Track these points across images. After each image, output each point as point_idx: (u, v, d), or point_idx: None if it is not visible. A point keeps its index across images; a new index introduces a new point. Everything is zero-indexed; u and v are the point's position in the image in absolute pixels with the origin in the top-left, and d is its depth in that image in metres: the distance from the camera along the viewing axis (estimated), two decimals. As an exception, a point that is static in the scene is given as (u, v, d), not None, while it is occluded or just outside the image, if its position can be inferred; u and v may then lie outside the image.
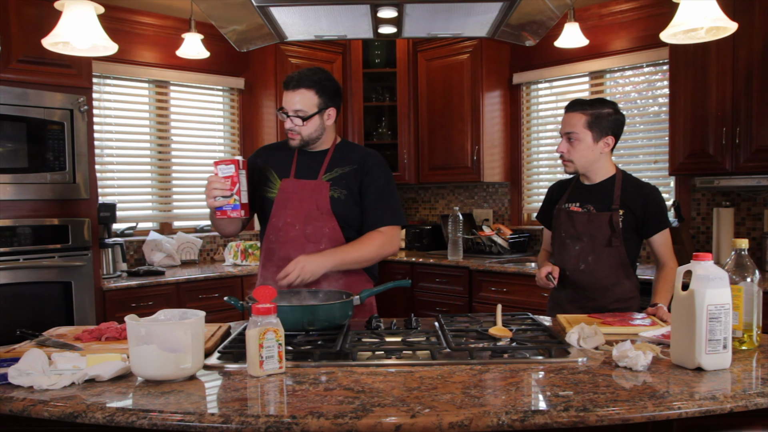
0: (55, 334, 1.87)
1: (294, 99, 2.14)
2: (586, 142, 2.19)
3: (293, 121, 2.15)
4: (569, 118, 2.21)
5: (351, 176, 2.20)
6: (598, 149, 2.20)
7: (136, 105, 4.24)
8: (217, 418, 1.20)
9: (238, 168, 2.04)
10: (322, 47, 4.62)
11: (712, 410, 1.25)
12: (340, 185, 2.18)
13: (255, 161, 2.29)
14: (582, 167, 2.24)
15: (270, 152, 2.32)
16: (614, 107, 2.21)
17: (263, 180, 2.25)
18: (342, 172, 2.21)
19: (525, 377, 1.44)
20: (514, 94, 4.58)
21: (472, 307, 3.97)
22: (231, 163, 2.04)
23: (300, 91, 2.13)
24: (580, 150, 2.20)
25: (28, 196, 3.09)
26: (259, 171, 2.26)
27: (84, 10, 1.90)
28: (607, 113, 2.18)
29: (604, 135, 2.19)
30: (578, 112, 2.20)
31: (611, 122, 2.18)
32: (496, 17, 2.04)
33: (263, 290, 1.55)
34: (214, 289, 3.78)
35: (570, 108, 2.23)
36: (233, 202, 2.04)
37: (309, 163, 2.23)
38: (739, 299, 1.60)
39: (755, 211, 3.51)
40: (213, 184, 2.04)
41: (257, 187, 2.24)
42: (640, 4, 3.83)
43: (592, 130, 2.18)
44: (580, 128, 2.18)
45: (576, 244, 2.24)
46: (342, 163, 2.22)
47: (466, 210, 4.90)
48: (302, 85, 2.13)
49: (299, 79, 2.14)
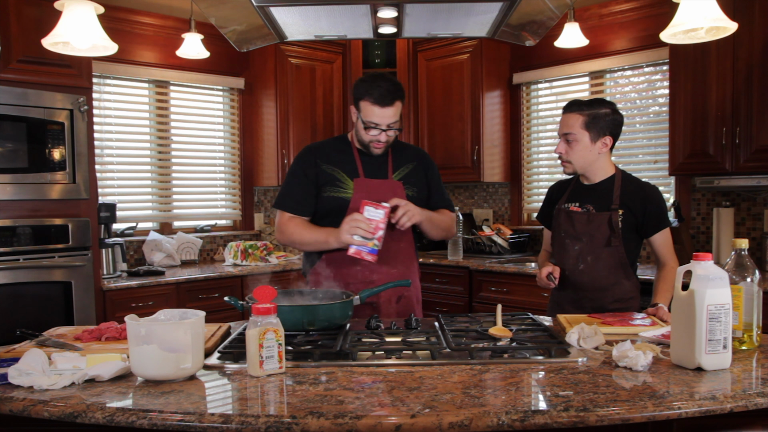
0: (55, 334, 1.87)
1: (389, 113, 2.16)
2: (584, 142, 2.19)
3: (388, 135, 2.20)
4: (566, 119, 2.22)
5: (415, 174, 2.32)
6: (596, 149, 2.20)
7: (136, 105, 4.24)
8: (217, 418, 1.20)
9: (387, 215, 2.06)
10: (322, 47, 4.62)
11: (712, 410, 1.25)
12: (410, 183, 2.28)
13: (316, 161, 2.25)
14: (581, 168, 2.24)
15: (327, 152, 2.29)
16: (612, 107, 2.21)
17: (330, 180, 2.23)
18: (408, 170, 2.32)
19: (525, 377, 1.44)
20: (514, 94, 4.58)
21: (472, 307, 3.97)
22: (381, 208, 2.06)
23: (396, 104, 2.17)
24: (578, 150, 2.20)
25: (28, 196, 3.09)
26: (323, 172, 2.24)
27: (84, 10, 1.90)
28: (605, 113, 2.18)
29: (602, 135, 2.18)
30: (575, 113, 2.20)
31: (609, 122, 2.18)
32: (496, 17, 2.04)
33: (263, 290, 1.55)
34: (214, 289, 3.78)
35: (567, 109, 2.23)
36: (372, 245, 2.06)
37: (373, 163, 2.28)
38: (739, 299, 1.60)
39: (755, 211, 3.51)
40: (359, 223, 2.05)
41: (322, 188, 2.23)
42: (640, 4, 3.83)
43: (590, 131, 2.18)
44: (578, 129, 2.18)
45: (575, 244, 2.24)
46: (402, 161, 2.32)
47: (466, 210, 4.90)
48: (397, 98, 2.16)
49: (394, 92, 2.15)
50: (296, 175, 2.27)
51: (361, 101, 2.17)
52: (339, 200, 2.22)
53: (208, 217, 4.63)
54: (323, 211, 2.25)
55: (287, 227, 2.25)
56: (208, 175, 4.63)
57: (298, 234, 2.23)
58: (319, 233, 2.19)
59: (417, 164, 2.34)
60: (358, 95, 2.18)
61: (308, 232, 2.22)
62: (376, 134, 2.18)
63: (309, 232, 2.22)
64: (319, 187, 2.24)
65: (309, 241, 2.23)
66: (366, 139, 2.21)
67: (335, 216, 2.20)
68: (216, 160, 4.66)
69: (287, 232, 2.25)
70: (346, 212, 2.18)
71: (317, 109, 4.64)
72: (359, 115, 2.19)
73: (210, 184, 4.64)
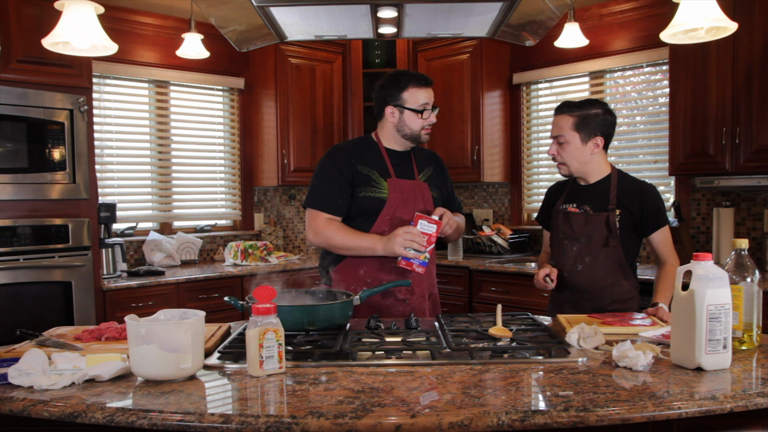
0: (55, 334, 1.87)
1: (432, 93, 2.26)
2: (575, 143, 2.19)
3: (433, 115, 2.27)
4: (557, 121, 2.22)
5: (437, 176, 2.38)
6: (588, 150, 2.20)
7: (136, 105, 4.24)
8: (217, 418, 1.20)
9: (439, 229, 2.09)
10: (322, 47, 4.62)
11: (712, 410, 1.25)
12: (434, 185, 2.33)
13: (351, 161, 2.23)
14: (575, 169, 2.24)
15: (360, 153, 2.28)
16: (603, 107, 2.20)
17: (366, 180, 2.22)
18: (430, 172, 2.37)
19: (525, 377, 1.44)
20: (514, 94, 4.58)
21: (472, 307, 3.97)
22: (435, 223, 2.08)
23: (432, 87, 2.27)
24: (569, 152, 2.20)
25: (28, 196, 3.09)
26: (359, 172, 2.22)
27: (84, 10, 1.90)
28: (595, 114, 2.18)
29: (593, 136, 2.18)
30: (565, 114, 2.20)
31: (599, 123, 2.18)
32: (496, 17, 2.04)
33: (263, 290, 1.55)
34: (214, 289, 3.78)
35: (558, 111, 2.24)
36: (423, 258, 2.08)
37: (400, 164, 2.30)
38: (739, 299, 1.60)
39: (755, 211, 3.51)
40: (413, 237, 2.06)
41: (358, 188, 2.22)
42: (640, 4, 3.83)
43: (580, 132, 2.18)
44: (567, 130, 2.19)
45: (573, 245, 2.24)
46: (424, 163, 2.37)
47: (466, 210, 4.90)
48: (432, 82, 2.27)
49: (427, 75, 2.28)
50: (332, 175, 2.22)
51: (407, 90, 2.22)
52: (375, 200, 2.21)
53: (208, 217, 4.63)
54: (357, 211, 2.22)
55: (326, 229, 2.19)
56: (208, 175, 4.63)
57: (340, 238, 2.18)
58: (365, 240, 2.15)
59: (436, 166, 2.41)
60: (401, 87, 2.22)
61: (351, 238, 2.17)
62: (428, 115, 2.24)
63: (352, 238, 2.17)
64: (355, 187, 2.22)
65: (352, 246, 2.18)
66: (419, 126, 2.24)
67: (369, 216, 2.20)
68: (216, 160, 4.66)
69: (326, 234, 2.19)
70: (380, 211, 2.20)
71: (317, 109, 4.64)
72: (405, 107, 2.22)
73: (210, 184, 4.64)
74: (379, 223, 2.21)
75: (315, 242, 2.24)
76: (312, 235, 2.23)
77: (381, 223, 2.21)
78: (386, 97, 2.25)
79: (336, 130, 4.75)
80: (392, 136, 2.29)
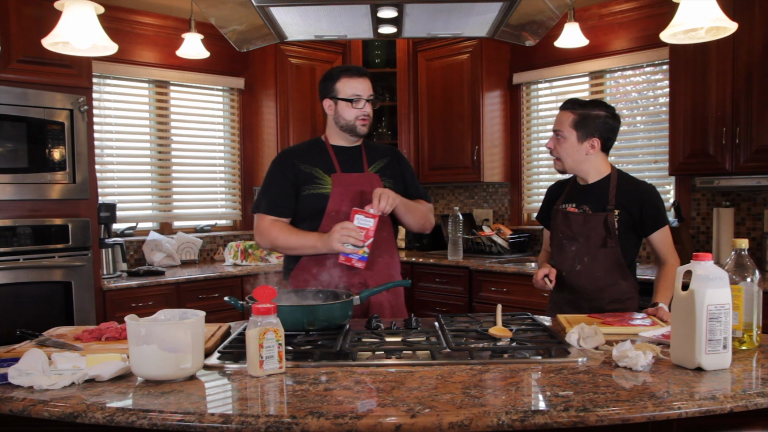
0: (55, 334, 1.87)
1: (368, 84, 2.28)
2: (571, 141, 2.20)
3: (372, 107, 2.29)
4: (559, 116, 2.24)
5: (390, 167, 2.37)
6: (583, 150, 2.20)
7: (136, 105, 4.24)
8: (217, 418, 1.20)
9: (377, 223, 2.08)
10: (322, 47, 4.62)
11: (712, 410, 1.25)
12: (386, 175, 2.32)
13: (293, 162, 2.27)
14: (569, 167, 2.25)
15: (302, 153, 2.32)
16: (609, 111, 2.20)
17: (308, 178, 2.24)
18: (383, 164, 2.36)
19: (525, 377, 1.44)
20: (514, 94, 4.58)
21: (472, 307, 3.97)
22: (372, 217, 2.08)
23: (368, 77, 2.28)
24: (565, 148, 2.21)
25: (28, 196, 3.09)
26: (301, 171, 2.26)
27: (84, 10, 1.90)
28: (596, 115, 2.18)
29: (590, 136, 2.18)
30: (568, 111, 2.22)
31: (599, 124, 2.18)
32: (496, 17, 2.04)
33: (263, 290, 1.55)
34: (214, 289, 3.78)
35: (563, 106, 2.25)
36: (362, 253, 2.08)
37: (347, 159, 2.31)
38: (739, 299, 1.60)
39: (755, 211, 3.51)
40: (350, 231, 2.05)
41: (301, 187, 2.24)
42: (640, 4, 3.83)
43: (578, 130, 2.18)
44: (566, 126, 2.20)
45: (572, 245, 2.24)
46: (376, 156, 2.37)
47: (466, 210, 4.90)
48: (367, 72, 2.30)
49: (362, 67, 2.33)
50: (275, 178, 2.28)
51: (339, 81, 2.25)
52: (318, 197, 2.23)
53: (208, 217, 4.63)
54: (304, 211, 2.25)
55: (271, 231, 2.22)
56: (208, 175, 4.63)
57: (284, 238, 2.21)
58: (307, 238, 2.18)
59: (391, 158, 2.39)
60: (333, 79, 2.27)
61: (294, 237, 2.20)
62: (362, 106, 2.25)
63: (295, 237, 2.20)
64: (298, 187, 2.25)
65: (295, 246, 2.21)
66: (353, 117, 2.25)
67: (316, 215, 2.23)
68: (216, 160, 4.66)
69: (271, 236, 2.22)
70: (325, 207, 2.20)
71: (317, 109, 4.63)
72: (338, 98, 2.25)
73: (210, 184, 4.64)
74: (325, 221, 2.22)
75: (262, 245, 2.27)
76: (258, 238, 2.27)
77: (327, 220, 2.22)
78: (323, 91, 2.30)
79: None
80: (334, 130, 2.32)
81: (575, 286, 2.24)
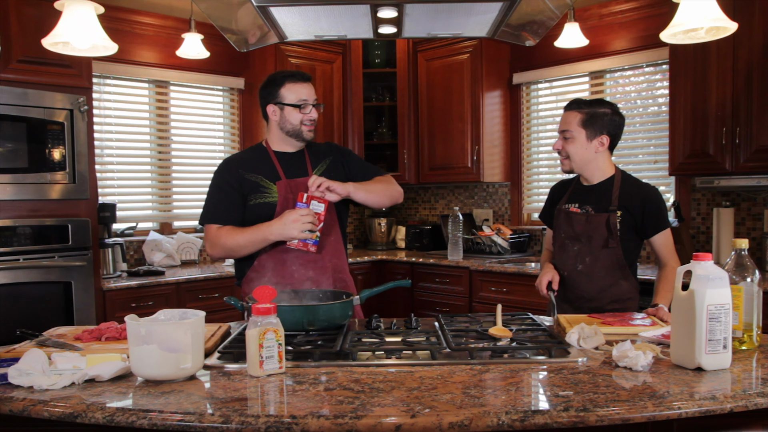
0: (55, 334, 1.87)
1: (312, 89, 2.27)
2: (580, 140, 2.20)
3: (317, 111, 2.28)
4: (565, 117, 2.25)
5: (334, 167, 2.34)
6: (592, 148, 2.21)
7: (136, 105, 4.24)
8: (217, 418, 1.20)
9: (327, 208, 2.10)
10: (322, 47, 4.62)
11: (712, 410, 1.25)
12: (331, 177, 2.23)
13: (238, 172, 2.24)
14: (577, 166, 2.25)
15: (246, 161, 2.29)
16: (613, 108, 2.22)
17: (254, 187, 2.22)
18: (326, 165, 2.33)
19: (525, 377, 1.44)
20: (514, 94, 4.58)
21: (472, 307, 3.97)
22: (323, 202, 2.10)
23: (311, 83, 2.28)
24: (574, 148, 2.22)
25: (28, 196, 3.09)
26: (246, 180, 2.23)
27: (84, 10, 1.90)
28: (603, 113, 2.19)
29: (599, 134, 2.19)
30: (574, 111, 2.22)
31: (607, 122, 2.19)
32: (496, 17, 2.04)
33: (263, 290, 1.55)
34: (214, 289, 3.78)
35: (567, 107, 2.26)
36: (315, 237, 2.10)
37: (291, 164, 2.29)
38: (739, 299, 1.60)
39: (755, 211, 3.51)
40: (306, 217, 2.05)
41: (248, 197, 2.22)
42: (640, 4, 3.83)
43: (586, 129, 2.19)
44: (574, 126, 2.20)
45: (574, 245, 2.25)
46: (319, 157, 2.35)
47: (466, 210, 4.90)
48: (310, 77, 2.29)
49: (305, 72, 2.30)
50: (219, 187, 2.25)
51: (284, 86, 2.23)
52: (266, 206, 2.21)
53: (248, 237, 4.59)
54: (251, 221, 2.20)
55: (219, 237, 2.18)
56: (208, 175, 4.58)
57: (231, 239, 2.17)
58: (254, 232, 2.14)
59: (333, 158, 2.36)
60: (277, 85, 2.24)
61: (241, 235, 2.16)
62: (308, 111, 2.24)
63: (242, 234, 2.16)
64: (245, 196, 2.22)
65: (244, 243, 2.16)
66: (298, 121, 2.24)
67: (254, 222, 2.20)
68: (216, 160, 4.65)
69: (220, 241, 2.18)
70: (273, 216, 2.17)
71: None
72: (284, 103, 2.23)
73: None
74: None
75: (213, 254, 2.23)
76: (210, 249, 2.22)
77: None
78: (266, 96, 2.27)
79: (336, 130, 4.75)
80: (278, 136, 2.30)
81: (576, 286, 2.25)
